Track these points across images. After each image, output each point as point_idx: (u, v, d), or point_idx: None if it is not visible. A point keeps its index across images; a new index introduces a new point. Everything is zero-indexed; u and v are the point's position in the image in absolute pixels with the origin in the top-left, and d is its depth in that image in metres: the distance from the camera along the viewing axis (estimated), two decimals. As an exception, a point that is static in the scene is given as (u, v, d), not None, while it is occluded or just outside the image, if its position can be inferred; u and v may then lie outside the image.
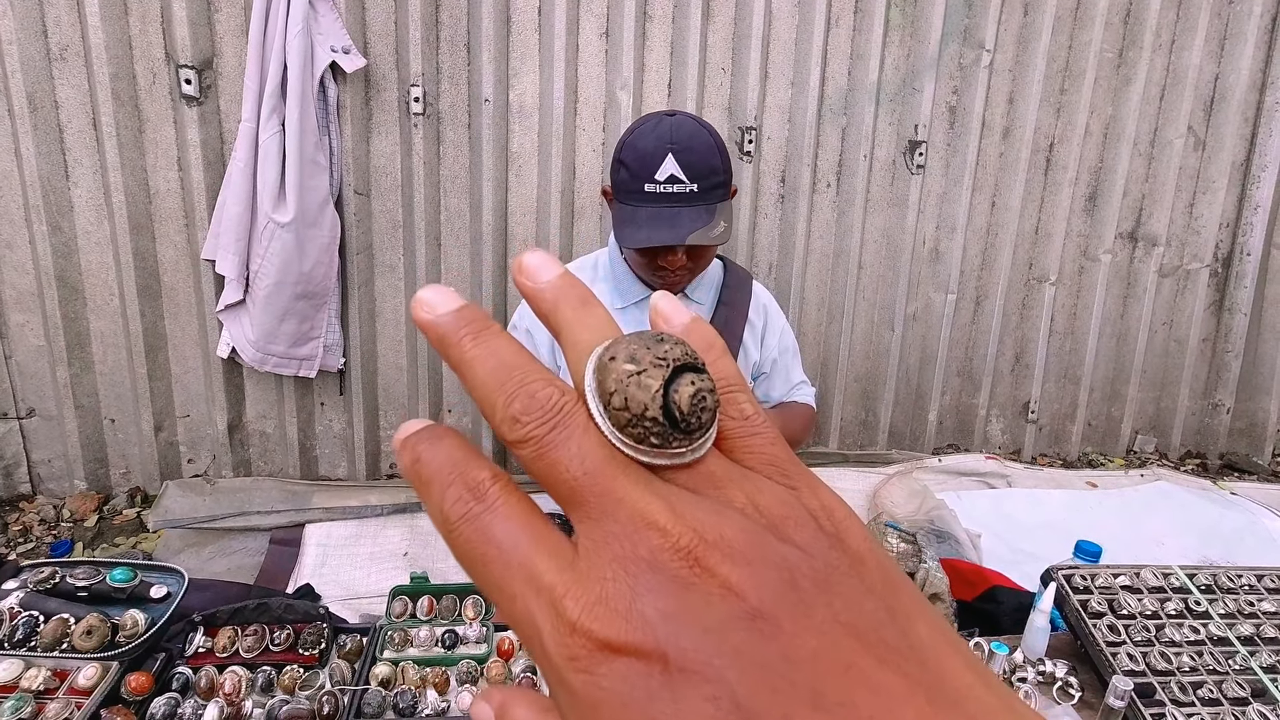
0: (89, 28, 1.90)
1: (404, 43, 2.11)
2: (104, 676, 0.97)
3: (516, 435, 0.19)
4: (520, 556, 0.18)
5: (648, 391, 0.19)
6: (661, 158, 1.23)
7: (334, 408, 2.34)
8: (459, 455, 0.20)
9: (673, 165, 1.23)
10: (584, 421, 0.19)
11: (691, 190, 1.23)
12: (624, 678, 0.16)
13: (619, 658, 0.17)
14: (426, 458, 0.20)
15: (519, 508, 0.19)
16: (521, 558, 0.18)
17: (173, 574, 1.16)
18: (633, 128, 1.29)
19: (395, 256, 2.25)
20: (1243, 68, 2.60)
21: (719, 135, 1.29)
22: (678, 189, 1.23)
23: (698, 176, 1.22)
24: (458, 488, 0.19)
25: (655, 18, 2.25)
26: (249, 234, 2.00)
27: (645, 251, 1.29)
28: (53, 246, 2.02)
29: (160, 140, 2.04)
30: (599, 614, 0.17)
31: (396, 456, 0.22)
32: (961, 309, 2.69)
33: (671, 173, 1.23)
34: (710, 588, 0.17)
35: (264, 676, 1.05)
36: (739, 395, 0.22)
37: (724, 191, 1.27)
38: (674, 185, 1.23)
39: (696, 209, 1.23)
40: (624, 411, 0.19)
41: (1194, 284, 2.81)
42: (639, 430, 0.19)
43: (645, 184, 1.24)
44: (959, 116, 2.51)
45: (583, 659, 0.17)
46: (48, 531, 2.11)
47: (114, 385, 2.18)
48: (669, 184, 1.23)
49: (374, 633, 1.14)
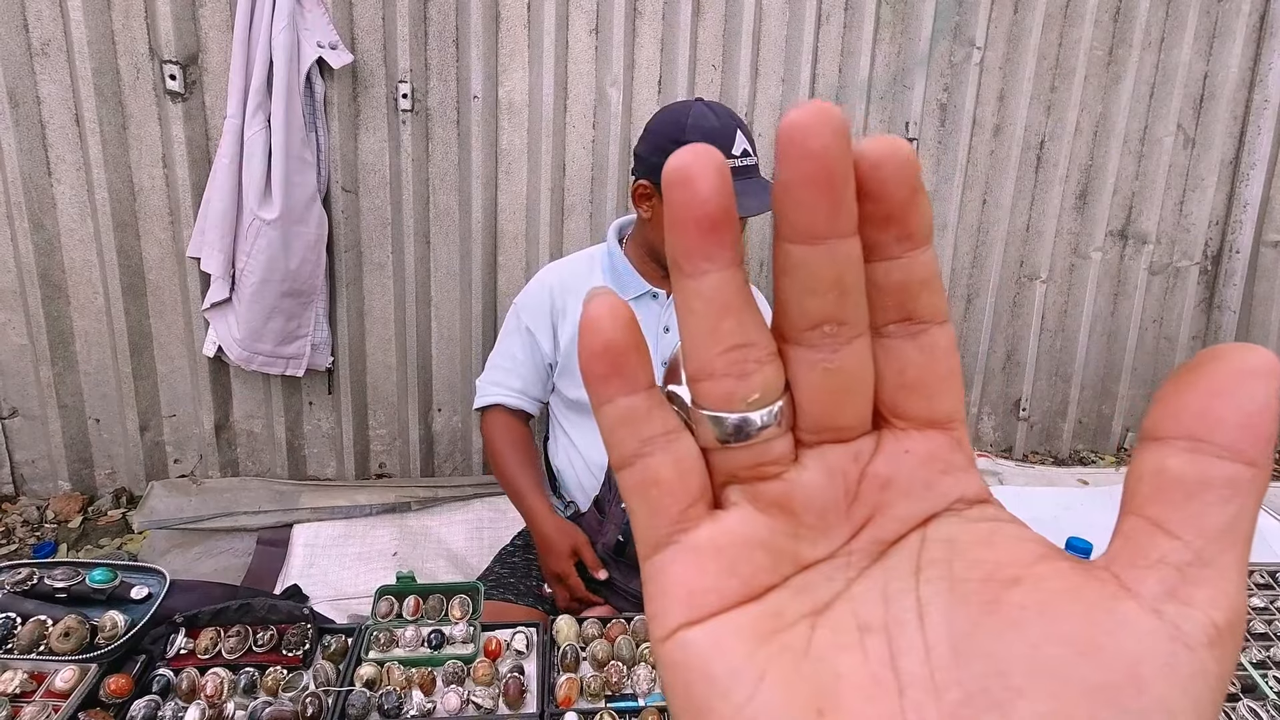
0: (71, 22, 1.87)
1: (392, 38, 2.09)
2: (82, 679, 0.96)
3: None
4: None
5: None
6: (732, 134, 1.31)
7: (322, 407, 2.32)
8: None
9: (743, 140, 1.31)
10: None
11: (756, 163, 1.35)
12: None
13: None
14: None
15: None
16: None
17: (154, 574, 1.14)
18: (673, 118, 1.34)
19: (384, 254, 2.23)
20: (1231, 66, 2.61)
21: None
22: (748, 162, 1.33)
23: (755, 151, 1.35)
24: None
25: (645, 14, 2.24)
26: (235, 231, 1.98)
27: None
28: (35, 244, 1.99)
29: (144, 136, 2.01)
30: None
31: None
32: (953, 307, 2.69)
33: (745, 147, 1.32)
34: None
35: (247, 678, 1.03)
36: None
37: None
38: (746, 159, 1.32)
39: (761, 181, 1.35)
40: None
41: (1184, 282, 2.82)
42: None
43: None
44: (950, 114, 2.51)
45: None
46: (31, 533, 2.09)
47: (98, 384, 2.16)
48: (743, 158, 1.32)
49: (359, 633, 1.13)
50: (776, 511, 0.19)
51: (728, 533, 0.19)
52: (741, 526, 0.19)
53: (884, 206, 0.17)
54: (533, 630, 1.16)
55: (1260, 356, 0.17)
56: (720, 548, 0.19)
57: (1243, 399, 0.16)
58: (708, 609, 0.19)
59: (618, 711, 1.03)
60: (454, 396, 2.40)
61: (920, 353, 0.19)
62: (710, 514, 0.19)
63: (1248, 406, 0.16)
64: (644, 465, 0.19)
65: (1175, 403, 0.17)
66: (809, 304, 0.18)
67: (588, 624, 1.16)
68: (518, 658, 1.12)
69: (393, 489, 2.23)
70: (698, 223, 0.17)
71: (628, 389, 0.19)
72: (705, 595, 0.19)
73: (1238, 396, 0.16)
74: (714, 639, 0.18)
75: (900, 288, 0.18)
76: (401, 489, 2.22)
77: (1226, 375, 0.16)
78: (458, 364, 2.37)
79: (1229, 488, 0.16)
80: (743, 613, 0.19)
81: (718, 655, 0.18)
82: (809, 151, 0.16)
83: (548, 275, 1.57)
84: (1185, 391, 0.17)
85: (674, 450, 0.19)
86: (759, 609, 0.19)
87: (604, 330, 0.18)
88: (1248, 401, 0.16)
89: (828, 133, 0.16)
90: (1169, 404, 0.17)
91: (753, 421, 0.18)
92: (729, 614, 0.18)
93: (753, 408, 0.18)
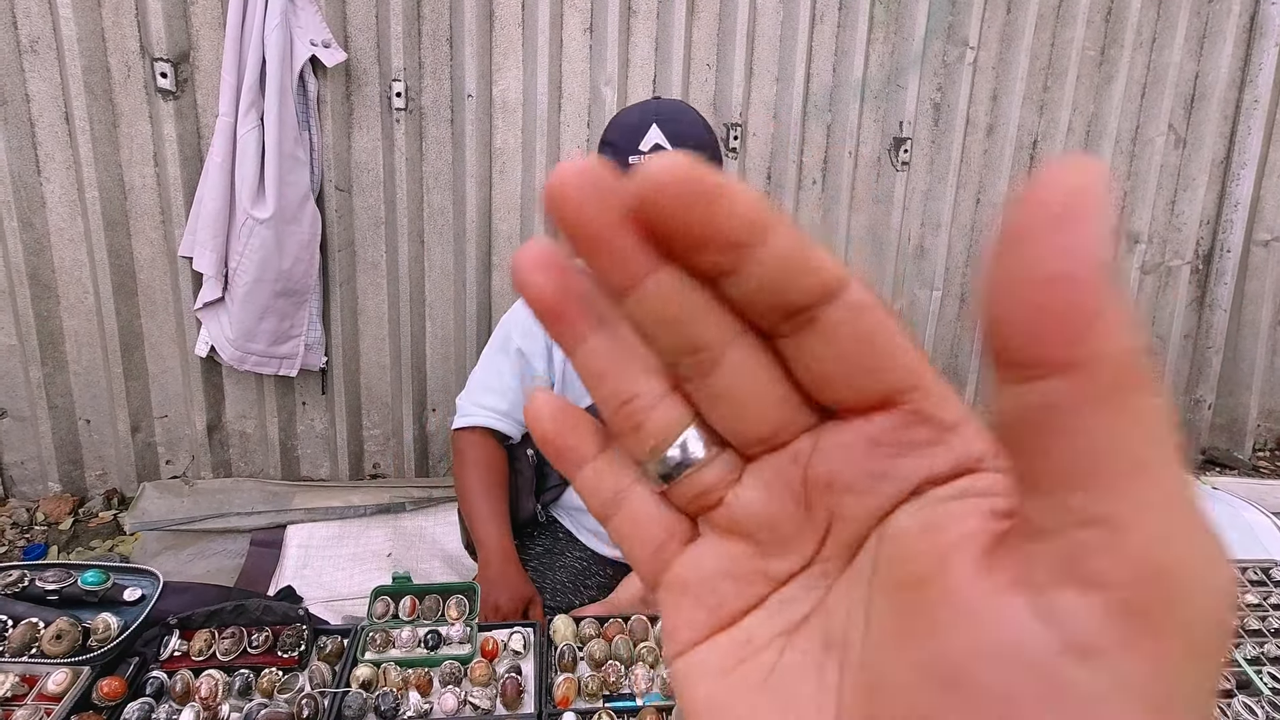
0: (60, 19, 1.86)
1: (385, 37, 2.08)
2: (74, 682, 0.95)
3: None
4: None
5: None
6: (646, 129, 1.18)
7: (316, 407, 2.30)
8: None
9: (657, 135, 1.17)
10: None
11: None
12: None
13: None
14: None
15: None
16: None
17: (147, 576, 1.13)
18: (619, 113, 1.27)
19: (377, 254, 2.22)
20: (1222, 66, 2.62)
21: (707, 120, 1.26)
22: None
23: (682, 147, 1.13)
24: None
25: (639, 13, 2.24)
26: (227, 230, 1.97)
27: None
28: (24, 243, 1.98)
29: (135, 135, 2.00)
30: None
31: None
32: (946, 306, 2.70)
33: (656, 142, 1.17)
34: None
35: (241, 680, 1.02)
36: None
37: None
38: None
39: None
40: None
41: (1175, 281, 2.84)
42: None
43: (629, 156, 1.18)
44: (943, 113, 2.51)
45: None
46: (20, 535, 2.07)
47: (89, 385, 2.14)
48: (654, 154, 1.19)
49: (355, 634, 1.12)
50: (732, 535, 0.19)
51: (694, 566, 0.19)
52: (705, 558, 0.19)
53: (681, 234, 0.16)
54: (530, 630, 1.15)
55: (1065, 183, 0.13)
56: (686, 583, 0.19)
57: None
58: (685, 643, 0.19)
59: (616, 711, 1.02)
60: (448, 397, 2.39)
61: (822, 340, 0.16)
62: (683, 549, 0.20)
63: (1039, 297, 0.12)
64: (619, 517, 0.20)
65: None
66: (654, 344, 0.18)
67: (585, 624, 1.16)
68: (515, 658, 1.12)
69: (387, 489, 2.22)
70: (544, 316, 0.18)
71: (580, 461, 0.20)
72: (680, 631, 0.19)
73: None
74: (689, 672, 0.19)
75: (756, 293, 0.16)
76: (396, 489, 2.21)
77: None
78: (452, 364, 2.36)
79: (1060, 412, 0.12)
80: (713, 644, 0.19)
81: (692, 687, 0.19)
82: (568, 219, 0.16)
83: None
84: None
85: (641, 497, 0.20)
86: (728, 638, 0.19)
87: (543, 424, 0.20)
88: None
89: (580, 196, 0.16)
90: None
91: (669, 461, 0.19)
92: (700, 647, 0.19)
93: (655, 454, 0.19)
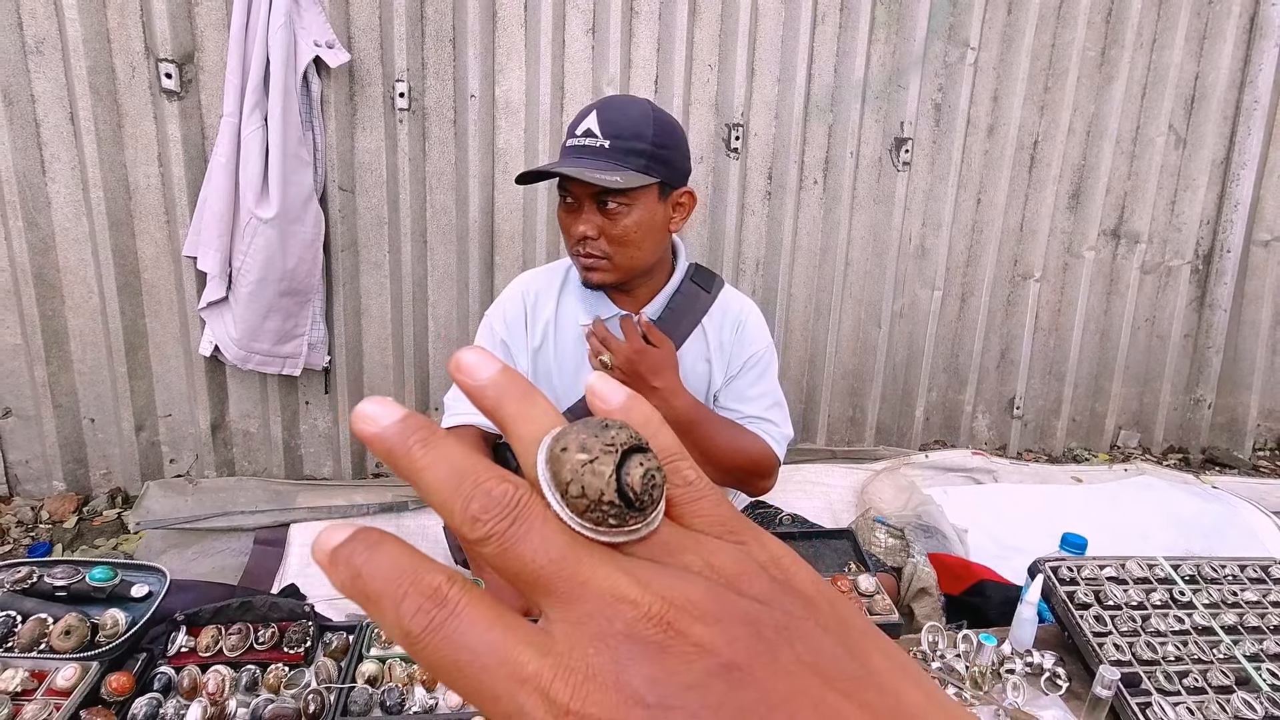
0: (66, 20, 1.87)
1: (388, 37, 2.09)
2: (83, 677, 0.96)
3: (478, 534, 0.19)
4: (498, 655, 0.18)
5: (601, 478, 0.20)
6: (586, 116, 1.21)
7: (319, 406, 2.31)
8: (405, 562, 0.19)
9: (592, 121, 1.20)
10: (542, 511, 0.20)
11: (601, 146, 1.18)
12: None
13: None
14: (369, 571, 0.19)
15: (483, 605, 0.19)
16: (499, 656, 0.18)
17: (154, 573, 1.14)
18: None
19: (381, 253, 2.23)
20: (1222, 66, 2.63)
21: (674, 124, 1.25)
22: (589, 142, 1.19)
23: (611, 134, 1.18)
24: (414, 598, 0.19)
25: (642, 14, 2.25)
26: (231, 230, 1.98)
27: (561, 221, 1.27)
28: (29, 243, 1.98)
29: (140, 135, 2.01)
30: (589, 691, 0.18)
31: (326, 573, 0.20)
32: (947, 306, 2.70)
33: (588, 128, 1.20)
34: (685, 648, 0.18)
35: (248, 676, 1.03)
36: (681, 464, 0.23)
37: (644, 163, 1.20)
38: (587, 139, 1.20)
39: (599, 161, 1.18)
40: (581, 499, 0.20)
41: (1176, 280, 2.84)
42: (597, 514, 0.20)
43: (568, 140, 1.23)
44: (944, 114, 2.52)
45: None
46: (25, 533, 2.08)
47: (93, 384, 2.15)
48: (584, 137, 1.20)
49: (360, 630, 1.13)
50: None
51: None
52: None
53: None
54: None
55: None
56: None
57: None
58: None
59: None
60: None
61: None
62: None
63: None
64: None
65: None
66: None
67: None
68: None
69: (389, 488, 2.23)
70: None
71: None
72: None
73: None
74: None
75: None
76: (398, 488, 2.22)
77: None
78: (454, 363, 2.37)
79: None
80: None
81: None
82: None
83: (521, 285, 1.48)
84: None
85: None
86: None
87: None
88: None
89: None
90: None
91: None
92: None
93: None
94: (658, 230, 1.28)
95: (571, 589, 0.19)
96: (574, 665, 0.18)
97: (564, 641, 0.18)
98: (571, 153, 1.22)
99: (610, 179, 1.16)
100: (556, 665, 0.18)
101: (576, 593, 0.19)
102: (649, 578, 0.19)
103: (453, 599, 0.19)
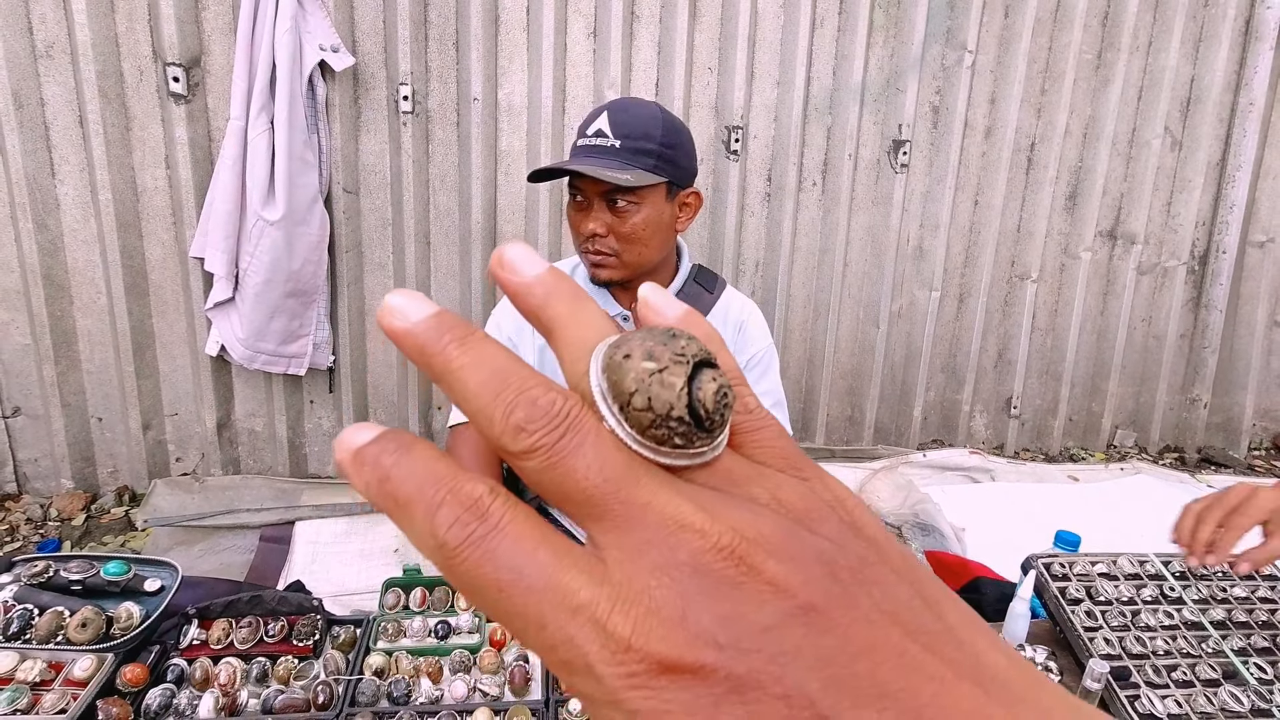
0: (75, 25, 1.89)
1: (392, 41, 2.11)
2: (99, 668, 0.98)
3: (522, 446, 0.17)
4: (545, 578, 0.16)
5: (672, 390, 0.18)
6: (596, 116, 1.25)
7: (323, 405, 2.34)
8: (440, 468, 0.17)
9: (603, 121, 1.24)
10: (595, 425, 0.18)
11: (612, 145, 1.22)
12: (689, 688, 0.16)
13: (683, 669, 0.16)
14: (399, 473, 0.17)
15: (530, 523, 0.17)
16: (546, 579, 0.16)
17: (166, 567, 1.16)
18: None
19: (384, 254, 2.26)
20: (1217, 69, 2.65)
21: (681, 126, 1.29)
22: (599, 142, 1.23)
23: (622, 134, 1.22)
24: (452, 507, 0.17)
25: (642, 18, 2.27)
26: (238, 231, 2.00)
27: (571, 218, 1.30)
28: (39, 244, 2.01)
29: (147, 138, 2.03)
30: (653, 626, 0.16)
31: (348, 474, 0.18)
32: (945, 306, 2.73)
33: (599, 128, 1.23)
34: (759, 585, 0.16)
35: (259, 668, 1.06)
36: (743, 390, 0.21)
37: (653, 162, 1.23)
38: (597, 139, 1.23)
39: (610, 160, 1.22)
40: (647, 412, 0.18)
41: (1172, 281, 2.87)
42: (662, 431, 0.18)
43: (578, 140, 1.26)
44: (942, 116, 2.54)
45: (642, 676, 0.16)
46: (34, 531, 2.10)
47: (101, 384, 2.18)
48: (595, 137, 1.23)
49: (367, 624, 1.15)
50: None
51: None
52: None
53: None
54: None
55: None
56: None
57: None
58: None
59: (621, 698, 1.05)
60: (454, 395, 2.42)
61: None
62: None
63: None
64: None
65: None
66: None
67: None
68: (522, 647, 1.15)
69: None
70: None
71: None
72: None
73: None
74: None
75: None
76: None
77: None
78: (457, 363, 2.39)
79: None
80: None
81: None
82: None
83: None
84: None
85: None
86: None
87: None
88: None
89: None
90: None
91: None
92: None
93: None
94: (665, 229, 1.31)
95: (630, 512, 0.17)
96: (634, 597, 0.16)
97: (620, 570, 0.16)
98: (582, 151, 1.25)
99: (621, 177, 1.19)
100: (614, 595, 0.16)
101: (636, 517, 0.17)
102: (716, 507, 0.17)
103: (495, 512, 0.17)
